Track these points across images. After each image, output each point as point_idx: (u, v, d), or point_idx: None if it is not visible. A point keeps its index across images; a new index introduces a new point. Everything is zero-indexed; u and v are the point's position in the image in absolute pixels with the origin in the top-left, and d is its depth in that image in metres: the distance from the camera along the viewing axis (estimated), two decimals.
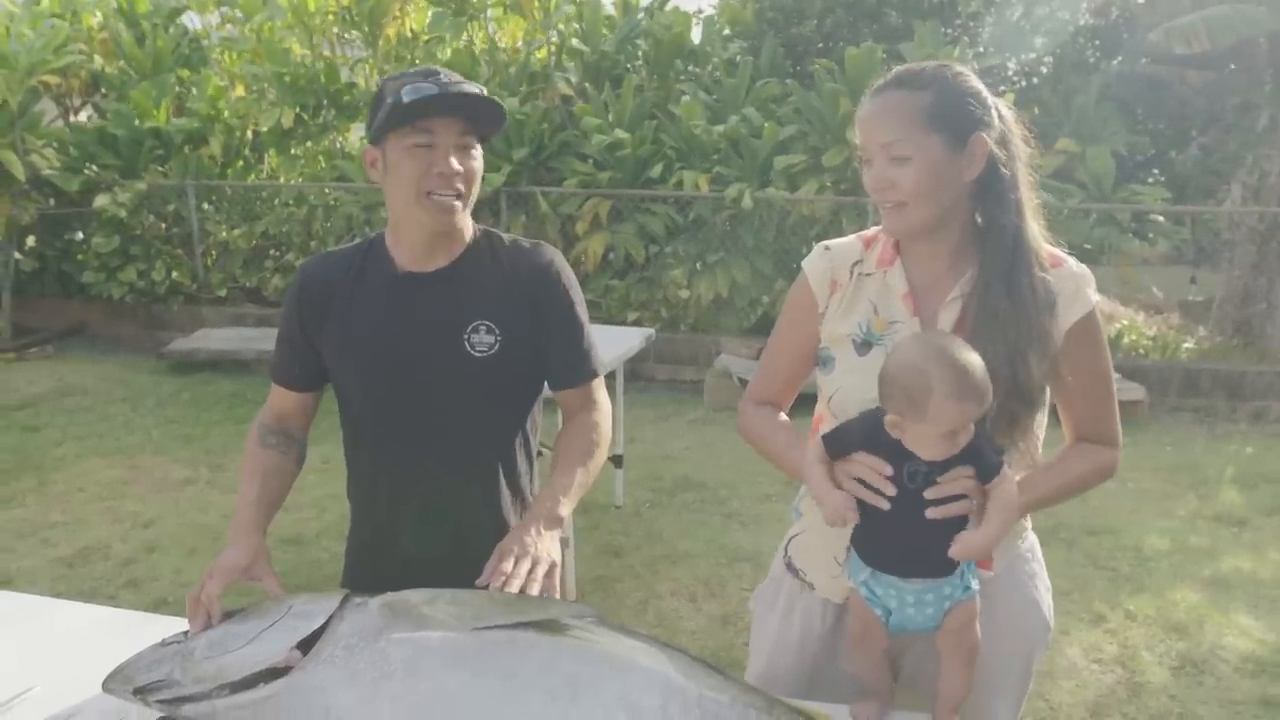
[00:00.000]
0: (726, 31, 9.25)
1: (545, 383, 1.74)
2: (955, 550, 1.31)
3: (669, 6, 8.42)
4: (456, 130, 1.52)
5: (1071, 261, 1.45)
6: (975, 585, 1.39)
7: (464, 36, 8.31)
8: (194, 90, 8.49)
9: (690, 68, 8.34)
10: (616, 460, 4.32)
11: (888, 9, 8.65)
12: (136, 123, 7.99)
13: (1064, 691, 3.08)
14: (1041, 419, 1.45)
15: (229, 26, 9.20)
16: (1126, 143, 7.94)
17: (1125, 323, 7.69)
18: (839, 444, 1.38)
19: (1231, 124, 8.37)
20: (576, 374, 1.71)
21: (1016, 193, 1.41)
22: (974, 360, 1.27)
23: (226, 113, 8.29)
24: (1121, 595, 3.71)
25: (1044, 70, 9.55)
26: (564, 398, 1.74)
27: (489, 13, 8.36)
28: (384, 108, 1.51)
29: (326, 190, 7.99)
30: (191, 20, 9.18)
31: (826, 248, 1.56)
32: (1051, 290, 1.40)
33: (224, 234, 7.92)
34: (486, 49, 8.22)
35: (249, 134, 8.51)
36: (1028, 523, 1.60)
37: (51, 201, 8.18)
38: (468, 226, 1.65)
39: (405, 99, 1.47)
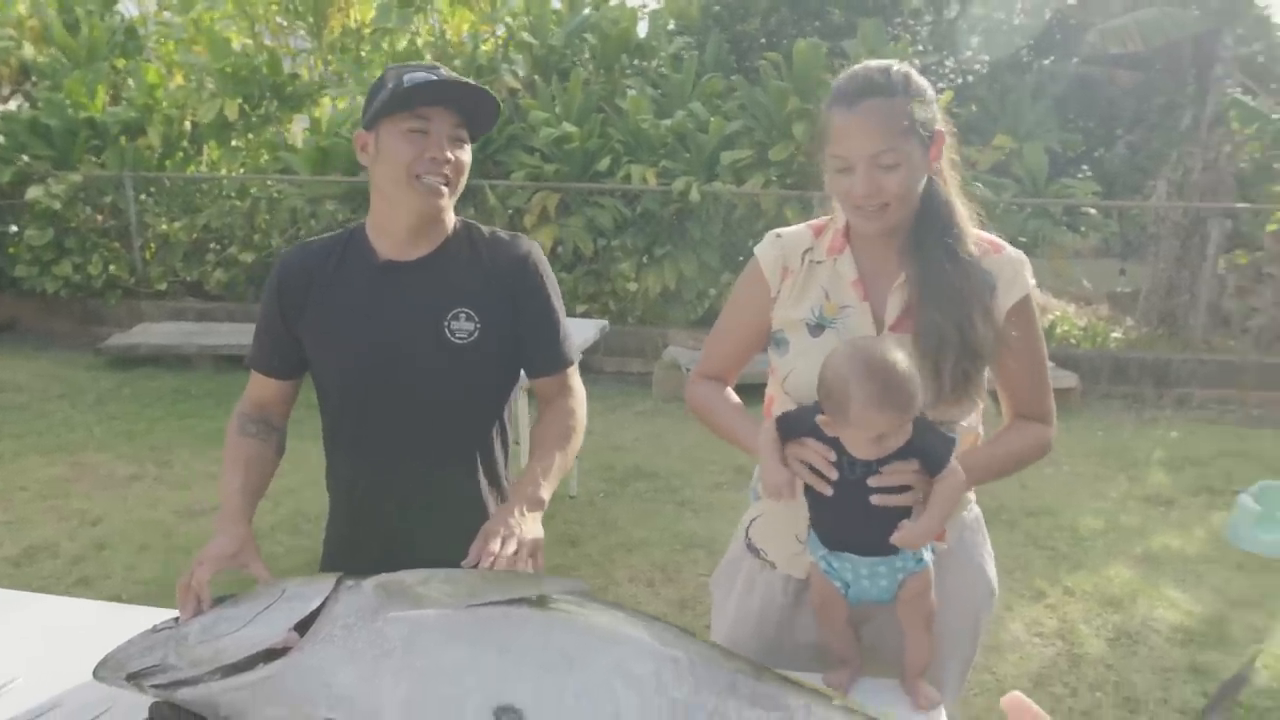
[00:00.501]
0: (672, 26, 9.33)
1: (522, 373, 1.79)
2: (896, 538, 1.39)
3: (614, 1, 8.47)
4: (451, 121, 1.56)
5: (1009, 248, 1.54)
6: (928, 557, 1.48)
7: (411, 28, 8.24)
8: (130, 79, 8.28)
9: (636, 62, 8.40)
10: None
11: (831, 7, 8.82)
12: (70, 112, 7.77)
13: (1008, 664, 3.23)
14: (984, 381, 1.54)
15: (166, 14, 8.98)
16: (1059, 139, 8.22)
17: (1058, 314, 7.97)
18: (791, 427, 1.46)
19: (1157, 123, 8.71)
20: (553, 362, 1.76)
21: (944, 175, 1.51)
22: (902, 369, 1.33)
23: (165, 103, 8.10)
24: (1060, 573, 3.89)
25: (979, 69, 9.83)
26: (541, 385, 1.78)
27: (436, 4, 8.30)
28: (383, 92, 1.55)
29: (270, 183, 7.87)
30: (127, 8, 8.94)
31: (778, 235, 1.63)
32: (991, 274, 1.50)
33: (164, 226, 7.74)
34: (433, 41, 8.16)
35: (187, 125, 8.33)
36: (972, 495, 1.68)
37: None
38: (450, 217, 1.69)
39: (406, 84, 1.51)
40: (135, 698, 1.39)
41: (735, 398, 1.70)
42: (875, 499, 1.38)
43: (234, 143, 8.38)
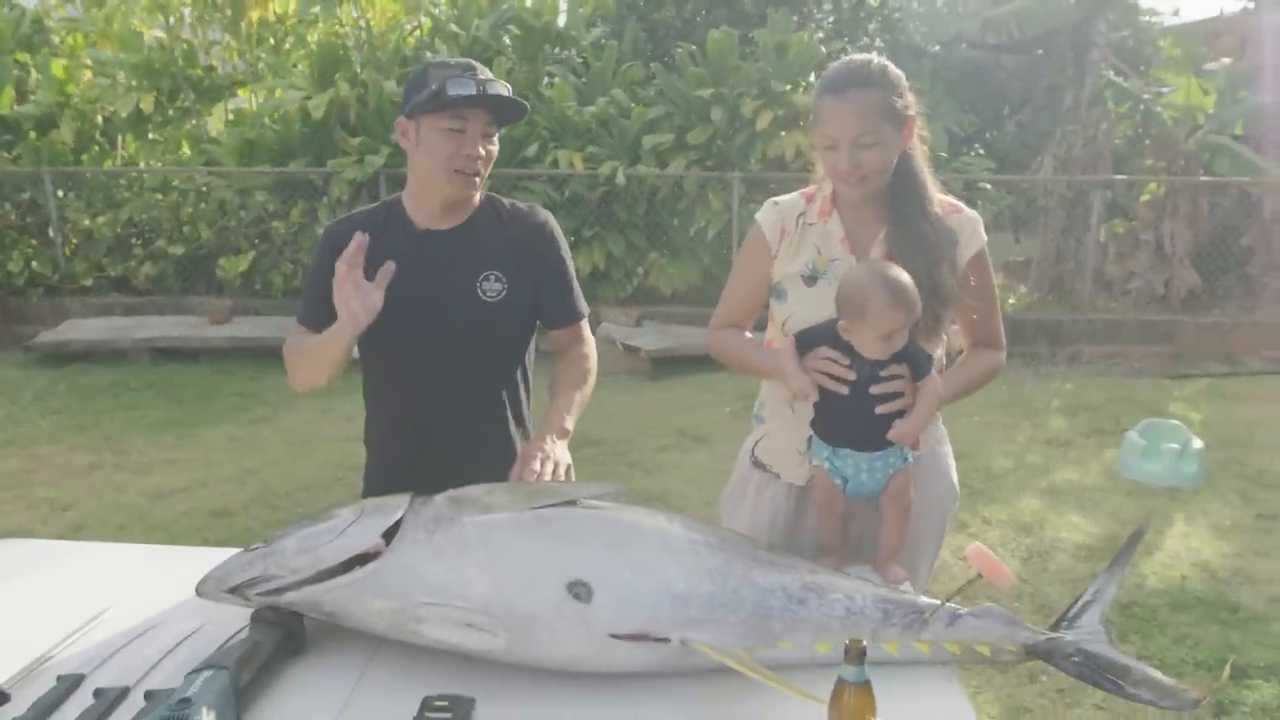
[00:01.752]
0: (587, 13, 9.57)
1: (539, 323, 2.06)
2: (892, 434, 1.73)
3: None
4: (484, 120, 1.82)
5: (967, 209, 1.89)
6: (911, 456, 1.82)
7: (334, 18, 8.29)
8: (35, 74, 8.11)
9: (558, 51, 8.63)
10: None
11: None
12: None
13: (938, 584, 3.62)
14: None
15: (69, 7, 8.78)
16: (955, 120, 8.78)
17: None
18: (807, 341, 1.78)
19: (1042, 104, 9.36)
20: (568, 315, 2.04)
21: (915, 150, 1.84)
22: (906, 279, 1.69)
23: (77, 98, 7.97)
24: (978, 506, 4.34)
25: (878, 54, 10.34)
26: (557, 336, 2.07)
27: None
28: (426, 92, 1.78)
29: (196, 176, 7.83)
30: (27, 0, 8.72)
31: (775, 202, 1.94)
32: (954, 231, 1.84)
33: (86, 222, 7.64)
34: (356, 30, 8.22)
35: (100, 119, 8.21)
36: (940, 417, 2.04)
37: None
38: (477, 194, 1.95)
39: (450, 91, 1.75)
40: (223, 616, 1.59)
41: (750, 335, 2.00)
42: (880, 408, 1.70)
43: (151, 136, 8.29)
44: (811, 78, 7.33)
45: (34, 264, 7.63)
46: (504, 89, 1.83)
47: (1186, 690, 1.41)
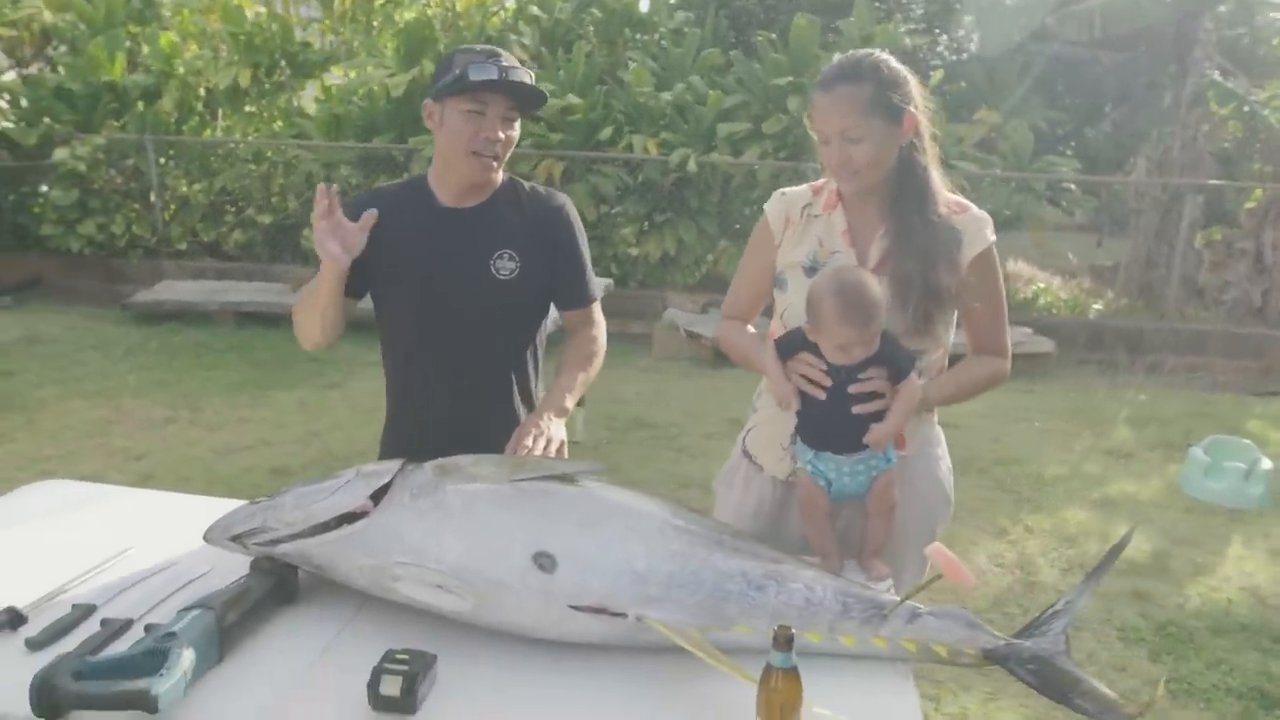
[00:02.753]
0: (673, 1, 9.59)
1: (552, 306, 2.13)
2: (868, 437, 1.74)
3: None
4: (504, 105, 1.89)
5: (974, 208, 1.88)
6: (894, 457, 1.83)
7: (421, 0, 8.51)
8: (145, 46, 8.55)
9: (638, 36, 8.67)
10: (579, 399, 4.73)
11: None
12: (91, 77, 8.04)
13: (971, 590, 3.60)
14: (951, 325, 1.88)
15: None
16: (1044, 117, 8.51)
17: (1042, 285, 8.32)
18: (786, 347, 1.81)
19: (1139, 102, 9.00)
20: (579, 297, 2.11)
21: (923, 148, 1.83)
22: (866, 294, 1.68)
23: (181, 69, 8.37)
24: (1022, 513, 4.26)
25: (971, 48, 10.10)
26: (569, 317, 2.13)
27: None
28: (450, 75, 1.86)
29: (285, 148, 8.16)
30: None
31: (783, 193, 1.97)
32: (958, 229, 1.83)
33: (183, 189, 8.05)
34: (443, 13, 8.42)
35: (202, 91, 8.61)
36: (934, 417, 2.03)
37: (4, 154, 8.20)
38: (499, 176, 2.03)
39: (471, 76, 1.82)
40: (232, 562, 1.70)
41: (752, 329, 2.03)
42: (857, 408, 1.72)
43: (247, 108, 8.65)
44: None
45: (134, 227, 8.07)
46: (525, 76, 1.89)
47: (1124, 706, 1.41)
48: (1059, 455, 5.04)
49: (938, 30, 9.29)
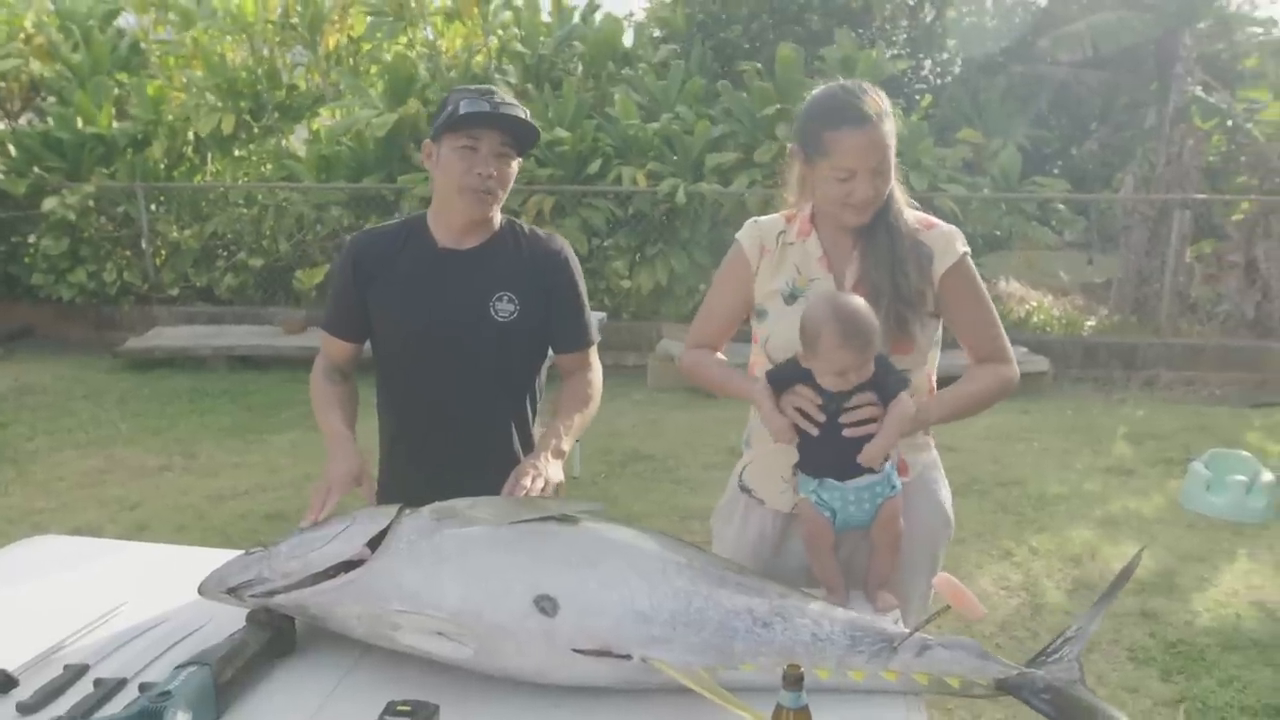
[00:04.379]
0: (657, 33, 9.68)
1: (550, 349, 2.11)
2: (860, 457, 1.72)
3: (599, 13, 8.81)
4: (497, 140, 1.88)
5: (941, 224, 1.89)
6: (899, 484, 1.80)
7: (404, 40, 8.57)
8: (132, 94, 8.59)
9: (624, 70, 8.74)
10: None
11: (809, 14, 9.17)
12: (80, 126, 8.07)
13: (980, 619, 3.56)
14: (932, 339, 1.87)
15: (166, 29, 9.28)
16: (1030, 137, 8.57)
17: (1035, 304, 8.34)
18: (779, 380, 1.79)
19: (1124, 120, 9.07)
20: (577, 341, 2.09)
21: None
22: (861, 318, 1.67)
23: (170, 116, 8.41)
24: (1026, 534, 4.23)
25: (955, 71, 10.19)
26: (565, 360, 2.11)
27: (429, 18, 8.63)
28: (444, 113, 1.86)
29: (276, 191, 8.18)
30: (128, 20, 9.24)
31: (756, 222, 1.96)
32: (927, 246, 1.83)
33: (174, 234, 8.06)
34: (426, 53, 8.49)
35: (190, 137, 8.65)
36: (931, 441, 2.01)
37: None
38: (497, 217, 2.01)
39: (461, 110, 1.83)
40: (229, 615, 1.67)
41: (723, 357, 2.02)
42: (847, 432, 1.70)
43: (237, 153, 8.68)
44: None
45: (126, 274, 8.07)
46: (519, 111, 1.89)
47: None
48: (1059, 474, 5.02)
49: (921, 55, 9.38)
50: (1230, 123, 8.25)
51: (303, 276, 7.84)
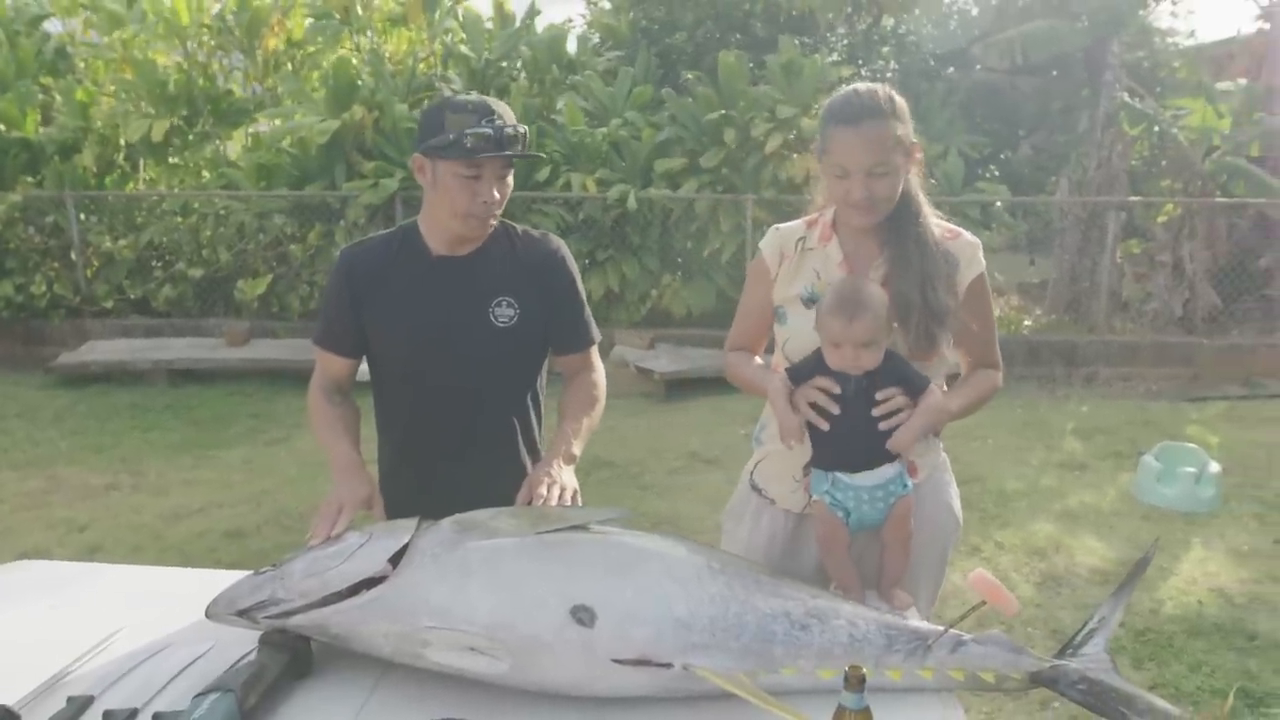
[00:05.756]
0: (596, 40, 9.68)
1: (550, 350, 2.08)
2: (891, 443, 1.74)
3: (542, 27, 8.77)
4: (500, 164, 1.84)
5: (965, 234, 1.91)
6: (911, 484, 1.82)
7: (347, 45, 8.41)
8: (59, 99, 8.27)
9: (569, 77, 8.72)
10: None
11: (753, 21, 9.26)
12: (3, 132, 7.73)
13: (951, 609, 3.61)
14: (949, 344, 1.90)
15: (93, 33, 8.95)
16: (967, 143, 8.79)
17: None
18: (797, 375, 1.80)
19: (1056, 125, 9.35)
20: (578, 341, 2.07)
21: (912, 174, 1.85)
22: (859, 292, 1.71)
23: (99, 123, 8.11)
24: (990, 530, 4.32)
25: (890, 78, 10.40)
26: (566, 362, 2.09)
27: (373, 22, 8.49)
28: (443, 137, 1.78)
29: (214, 199, 7.94)
30: (54, 25, 8.89)
31: (777, 229, 1.97)
32: (954, 255, 1.85)
33: (107, 245, 7.75)
34: (369, 58, 8.34)
35: (121, 144, 8.35)
36: (940, 443, 2.04)
37: None
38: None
39: (467, 144, 1.75)
40: (233, 637, 1.61)
41: (758, 359, 2.02)
42: (882, 424, 1.72)
43: (172, 160, 8.41)
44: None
45: (56, 286, 7.75)
46: (520, 135, 1.83)
47: (1194, 718, 1.41)
48: (1016, 470, 5.14)
49: (860, 61, 9.55)
50: (1157, 128, 8.56)
51: (245, 287, 7.63)
